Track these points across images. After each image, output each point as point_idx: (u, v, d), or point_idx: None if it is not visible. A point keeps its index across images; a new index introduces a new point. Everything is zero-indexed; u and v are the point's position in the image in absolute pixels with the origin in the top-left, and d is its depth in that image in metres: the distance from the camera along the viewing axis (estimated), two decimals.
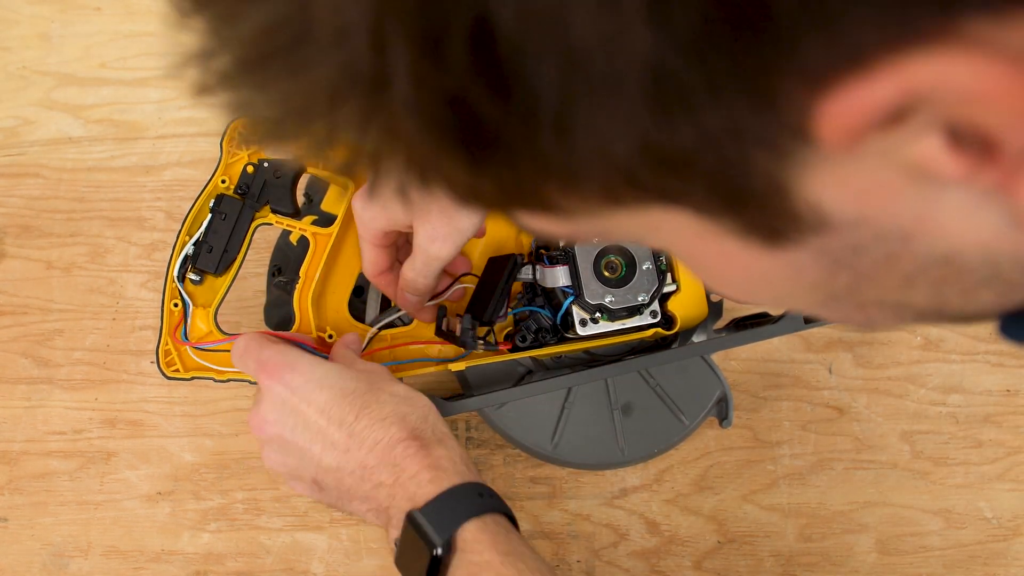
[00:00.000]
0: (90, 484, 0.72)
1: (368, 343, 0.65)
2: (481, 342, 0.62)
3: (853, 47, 0.18)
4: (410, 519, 0.49)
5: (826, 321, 0.63)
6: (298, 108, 0.22)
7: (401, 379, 0.60)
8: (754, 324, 0.67)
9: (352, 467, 0.52)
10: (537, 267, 0.64)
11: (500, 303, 0.63)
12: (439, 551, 0.47)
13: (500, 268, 0.63)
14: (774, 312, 0.67)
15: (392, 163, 0.23)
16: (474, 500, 0.49)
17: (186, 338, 0.63)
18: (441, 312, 0.64)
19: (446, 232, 0.56)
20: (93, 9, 1.01)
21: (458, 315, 0.65)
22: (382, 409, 0.53)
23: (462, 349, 0.64)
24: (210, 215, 0.63)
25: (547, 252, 0.64)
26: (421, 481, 0.50)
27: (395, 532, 0.51)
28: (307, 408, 0.52)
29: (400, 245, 0.64)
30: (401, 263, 0.62)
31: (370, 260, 0.62)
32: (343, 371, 0.55)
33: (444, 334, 0.64)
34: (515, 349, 0.65)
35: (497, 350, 0.63)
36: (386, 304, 0.69)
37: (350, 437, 0.52)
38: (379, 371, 0.58)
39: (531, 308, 0.65)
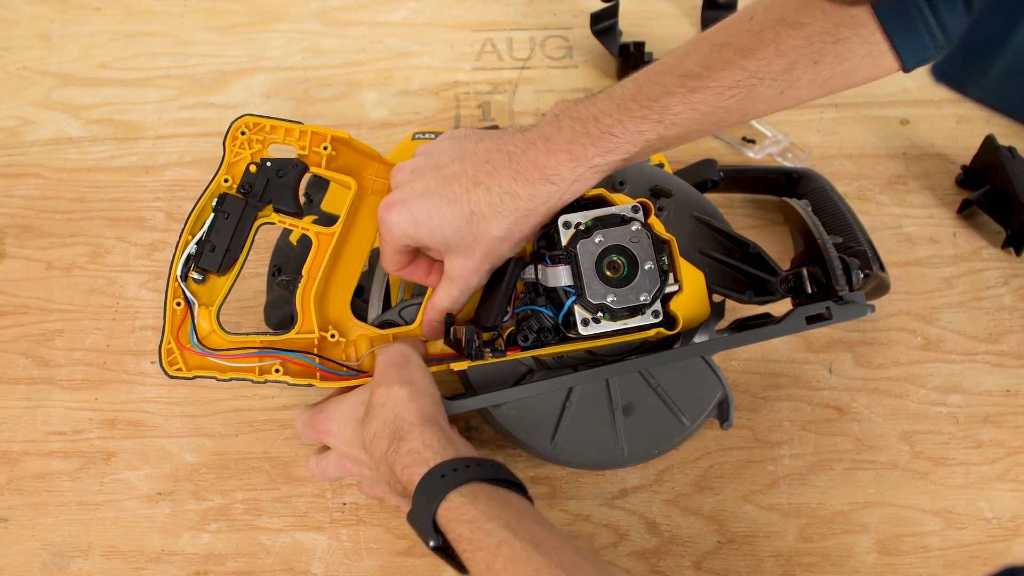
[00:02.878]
0: (90, 484, 0.72)
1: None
2: (488, 350, 0.62)
3: None
4: (409, 521, 0.53)
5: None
6: None
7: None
8: (756, 324, 0.67)
9: (382, 479, 0.58)
10: (539, 267, 0.64)
11: (502, 308, 0.63)
12: (432, 543, 0.51)
13: (500, 273, 0.64)
14: None
15: None
16: (436, 485, 0.52)
17: (195, 341, 0.62)
18: (449, 321, 0.64)
19: (486, 269, 0.62)
20: (93, 9, 1.01)
21: (466, 323, 0.65)
22: (372, 426, 0.58)
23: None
24: (213, 214, 0.63)
25: (549, 252, 0.65)
26: (404, 480, 0.54)
27: None
28: (348, 447, 0.61)
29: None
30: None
31: (391, 260, 0.63)
32: (353, 401, 0.61)
33: (452, 343, 0.64)
34: (518, 348, 0.65)
35: (504, 356, 0.63)
36: (387, 305, 0.69)
37: (372, 457, 0.58)
38: (377, 378, 0.60)
39: (533, 307, 0.65)
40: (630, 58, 0.91)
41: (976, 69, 0.27)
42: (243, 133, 0.64)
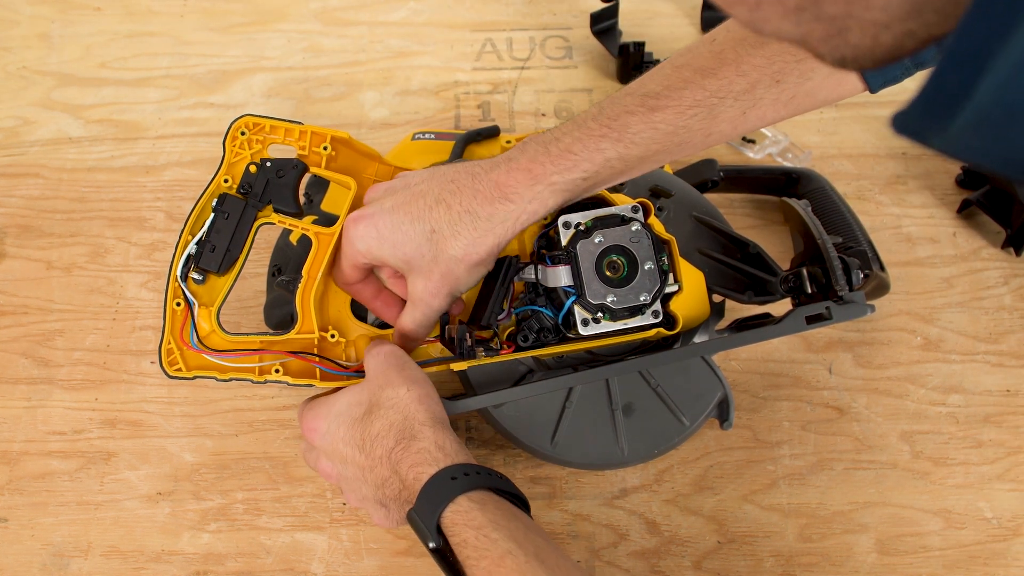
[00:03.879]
0: (90, 484, 0.72)
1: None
2: (481, 348, 0.63)
3: None
4: (409, 519, 0.53)
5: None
6: None
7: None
8: (756, 324, 0.67)
9: (372, 482, 0.57)
10: (539, 267, 0.64)
11: (497, 306, 0.63)
12: (432, 543, 0.50)
13: (495, 272, 0.64)
14: None
15: None
16: (447, 487, 0.52)
17: (195, 341, 0.62)
18: (444, 320, 0.64)
19: (446, 292, 0.61)
20: (93, 9, 1.01)
21: (460, 322, 0.65)
22: (376, 425, 0.57)
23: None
24: (213, 214, 0.63)
25: (549, 252, 0.65)
26: (408, 479, 0.54)
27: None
28: (338, 446, 0.59)
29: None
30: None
31: (344, 273, 0.64)
32: (348, 400, 0.60)
33: (447, 342, 0.64)
34: (517, 349, 0.65)
35: (498, 355, 0.63)
36: None
37: (368, 457, 0.57)
38: (378, 380, 0.59)
39: (533, 308, 0.65)
40: (630, 58, 0.91)
41: (938, 123, 0.27)
42: (243, 133, 0.64)
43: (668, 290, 0.64)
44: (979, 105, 0.25)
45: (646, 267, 0.63)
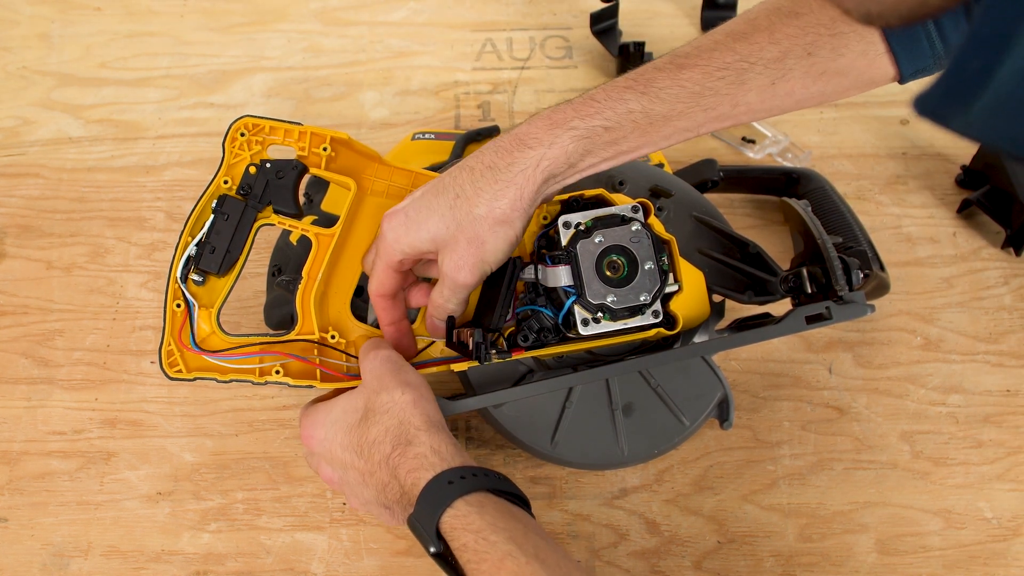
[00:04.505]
0: (90, 484, 0.72)
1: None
2: (494, 352, 0.62)
3: None
4: (409, 525, 0.53)
5: None
6: None
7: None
8: (756, 324, 0.67)
9: (373, 486, 0.57)
10: (539, 267, 0.64)
11: (505, 309, 0.63)
12: (433, 548, 0.50)
13: (500, 272, 0.63)
14: None
15: None
16: (444, 491, 0.51)
17: (194, 343, 0.62)
18: (450, 324, 0.64)
19: (473, 262, 0.59)
20: (93, 9, 1.01)
21: (468, 325, 0.65)
22: (373, 431, 0.57)
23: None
24: (212, 215, 0.63)
25: (549, 252, 0.65)
26: (407, 485, 0.54)
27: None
28: (336, 452, 0.59)
29: (408, 278, 0.65)
30: (407, 292, 0.65)
31: (380, 280, 0.63)
32: (344, 407, 0.59)
33: (455, 346, 0.64)
34: (518, 349, 0.65)
35: (510, 358, 0.63)
36: None
37: (367, 462, 0.57)
38: (372, 384, 0.59)
39: (533, 307, 0.65)
40: (630, 58, 0.91)
41: (959, 105, 0.27)
42: (242, 134, 0.64)
43: (668, 290, 0.64)
44: (999, 87, 0.26)
45: (646, 267, 0.63)
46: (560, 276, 0.63)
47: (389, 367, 0.60)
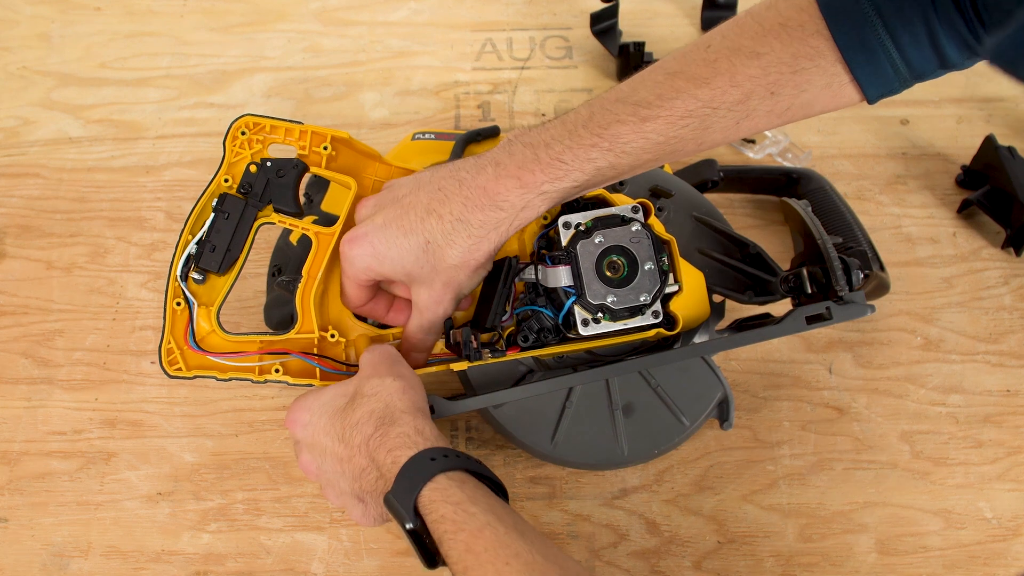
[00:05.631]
0: (90, 484, 0.72)
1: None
2: (487, 351, 0.63)
3: None
4: (386, 502, 0.52)
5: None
6: None
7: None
8: (756, 325, 0.67)
9: (350, 473, 0.56)
10: (539, 267, 0.64)
11: (500, 308, 0.63)
12: (409, 524, 0.50)
13: (497, 272, 0.64)
14: None
15: None
16: (425, 467, 0.51)
17: (194, 341, 0.62)
18: (448, 325, 0.64)
19: (450, 297, 0.61)
20: (93, 9, 1.01)
21: (465, 324, 0.65)
22: (357, 413, 0.57)
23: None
24: (213, 214, 0.63)
25: (549, 252, 0.65)
26: (386, 465, 0.53)
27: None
28: (318, 437, 0.58)
29: (376, 287, 0.65)
30: (385, 313, 0.66)
31: (352, 295, 0.64)
32: (334, 392, 0.60)
33: (452, 347, 0.64)
34: (520, 350, 0.65)
35: (504, 356, 0.63)
36: None
37: (347, 447, 0.56)
38: (365, 371, 0.59)
39: (533, 308, 0.65)
40: (630, 58, 0.91)
41: None
42: (243, 133, 0.64)
43: (668, 290, 0.64)
44: None
45: (646, 267, 0.63)
46: (560, 276, 0.63)
47: (386, 358, 0.60)
